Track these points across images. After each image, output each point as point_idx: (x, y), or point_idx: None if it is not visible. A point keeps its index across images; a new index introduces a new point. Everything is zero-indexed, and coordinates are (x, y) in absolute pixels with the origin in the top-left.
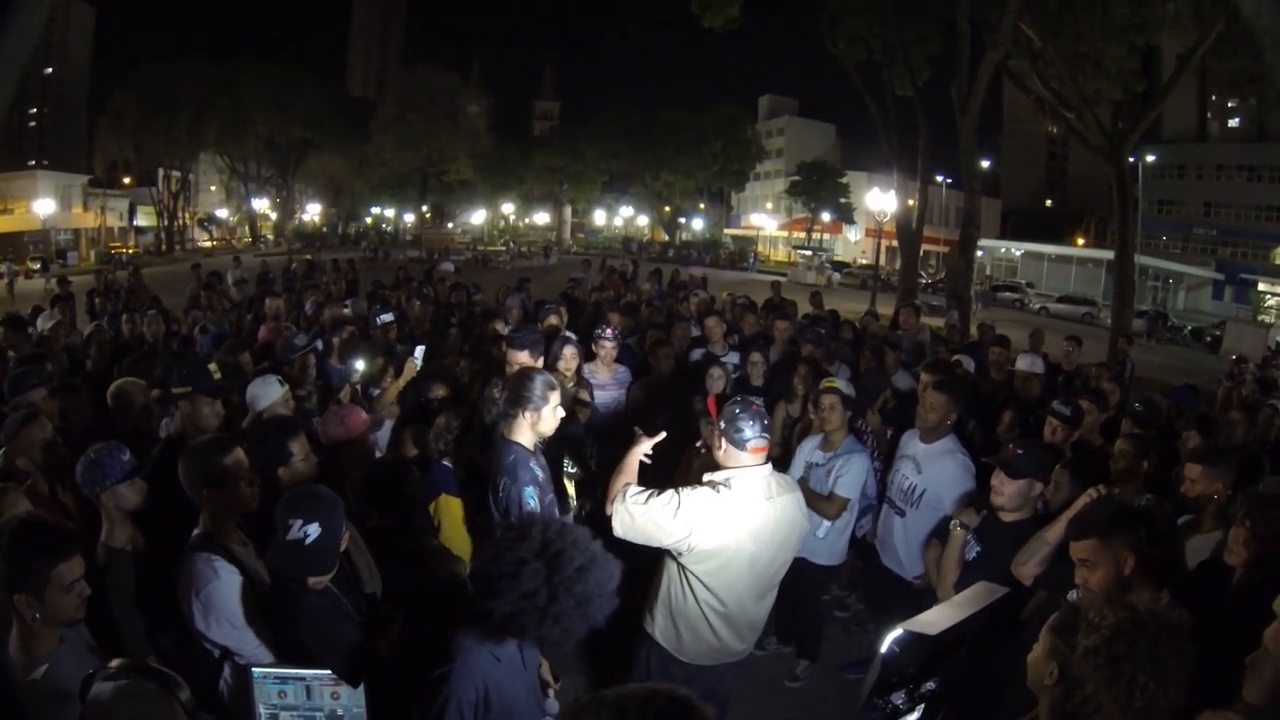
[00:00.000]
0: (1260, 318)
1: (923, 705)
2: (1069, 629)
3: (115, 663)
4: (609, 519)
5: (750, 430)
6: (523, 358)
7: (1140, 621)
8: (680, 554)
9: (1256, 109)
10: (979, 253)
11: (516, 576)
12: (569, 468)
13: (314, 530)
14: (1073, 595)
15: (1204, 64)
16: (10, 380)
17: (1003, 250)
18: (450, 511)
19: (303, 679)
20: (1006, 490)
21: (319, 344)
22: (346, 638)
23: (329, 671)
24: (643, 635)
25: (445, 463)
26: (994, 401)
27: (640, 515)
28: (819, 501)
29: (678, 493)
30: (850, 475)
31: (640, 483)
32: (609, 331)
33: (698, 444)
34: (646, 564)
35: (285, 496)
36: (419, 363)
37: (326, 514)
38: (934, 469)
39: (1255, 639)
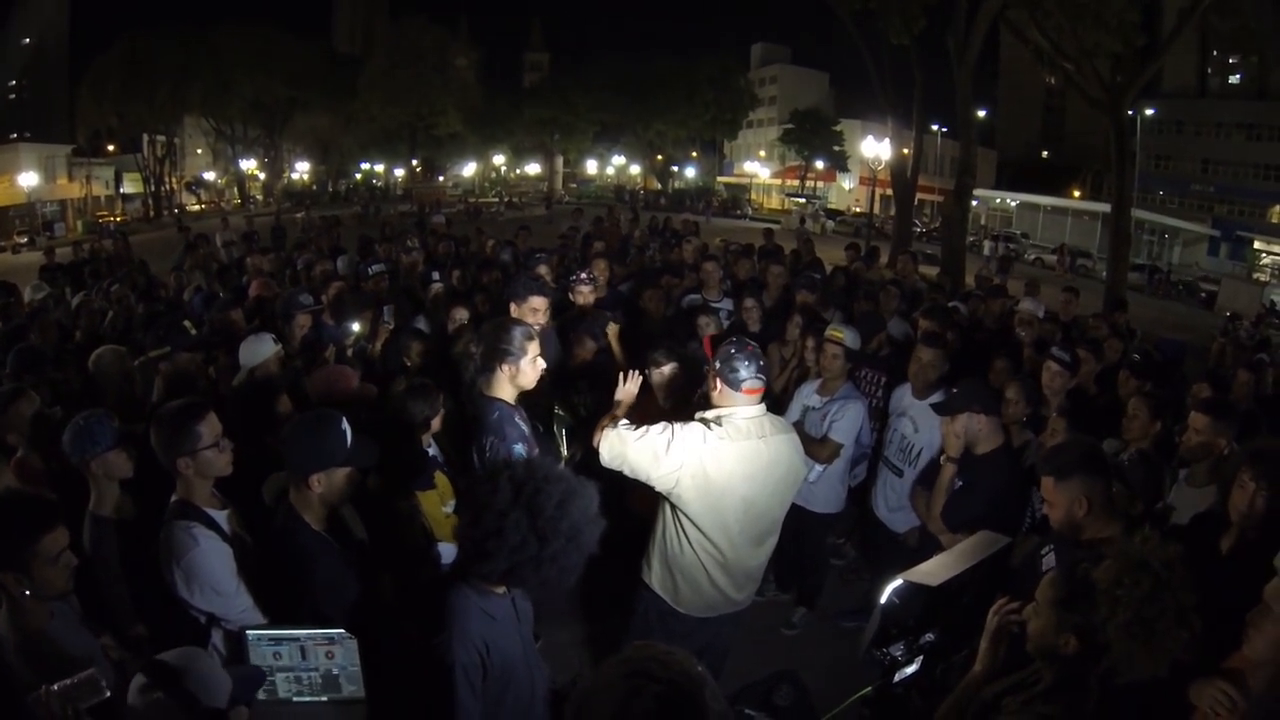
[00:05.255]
0: (1255, 276)
1: (921, 657)
2: (1080, 602)
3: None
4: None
5: (745, 370)
6: (538, 302)
7: (1165, 581)
8: (670, 490)
9: (1257, 66)
10: (974, 203)
11: (501, 532)
12: (558, 411)
13: (346, 424)
14: (1048, 557)
15: (1205, 19)
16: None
17: (998, 200)
18: (426, 507)
19: (296, 639)
20: (955, 429)
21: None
22: (352, 592)
23: (321, 630)
24: (640, 583)
25: (425, 449)
26: (988, 352)
27: (632, 443)
28: (811, 445)
29: (670, 425)
30: (845, 421)
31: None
32: (584, 275)
33: (647, 369)
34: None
35: (309, 421)
36: (390, 323)
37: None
38: (931, 427)
39: (1252, 595)
